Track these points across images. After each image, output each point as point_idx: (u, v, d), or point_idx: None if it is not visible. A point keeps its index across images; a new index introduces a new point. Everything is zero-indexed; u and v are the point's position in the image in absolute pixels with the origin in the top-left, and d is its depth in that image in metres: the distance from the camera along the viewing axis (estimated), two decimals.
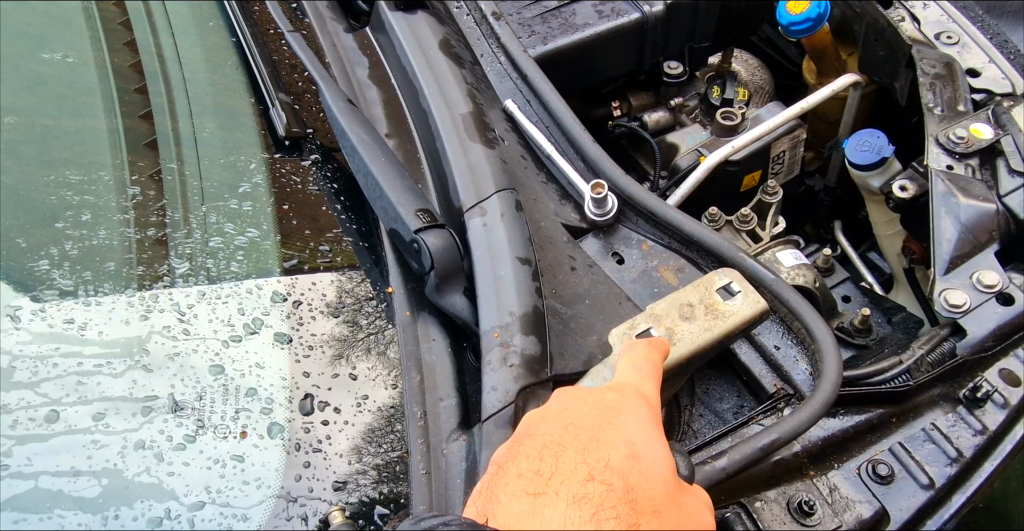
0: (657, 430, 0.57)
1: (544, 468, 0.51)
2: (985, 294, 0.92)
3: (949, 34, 1.21)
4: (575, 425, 0.55)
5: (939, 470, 0.83)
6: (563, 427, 0.55)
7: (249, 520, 0.71)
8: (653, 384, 0.62)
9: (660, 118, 1.38)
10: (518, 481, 0.50)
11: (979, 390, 0.87)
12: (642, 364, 0.64)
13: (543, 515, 0.48)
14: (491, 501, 0.50)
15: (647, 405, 0.59)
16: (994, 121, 1.07)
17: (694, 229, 0.93)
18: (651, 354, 0.65)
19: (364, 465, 0.78)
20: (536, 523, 0.48)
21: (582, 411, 0.57)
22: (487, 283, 0.85)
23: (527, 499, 0.49)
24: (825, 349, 0.81)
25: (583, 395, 0.60)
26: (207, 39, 1.15)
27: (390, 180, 0.89)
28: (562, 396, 0.60)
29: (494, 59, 1.15)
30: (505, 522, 0.48)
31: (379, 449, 0.79)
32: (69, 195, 0.89)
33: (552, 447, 0.53)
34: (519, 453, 0.53)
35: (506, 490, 0.50)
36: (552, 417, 0.57)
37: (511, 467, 0.52)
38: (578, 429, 0.54)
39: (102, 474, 0.71)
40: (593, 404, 0.58)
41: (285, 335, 0.84)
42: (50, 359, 0.76)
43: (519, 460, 0.52)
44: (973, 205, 0.98)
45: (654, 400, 0.60)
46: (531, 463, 0.51)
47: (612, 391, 0.60)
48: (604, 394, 0.60)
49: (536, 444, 0.53)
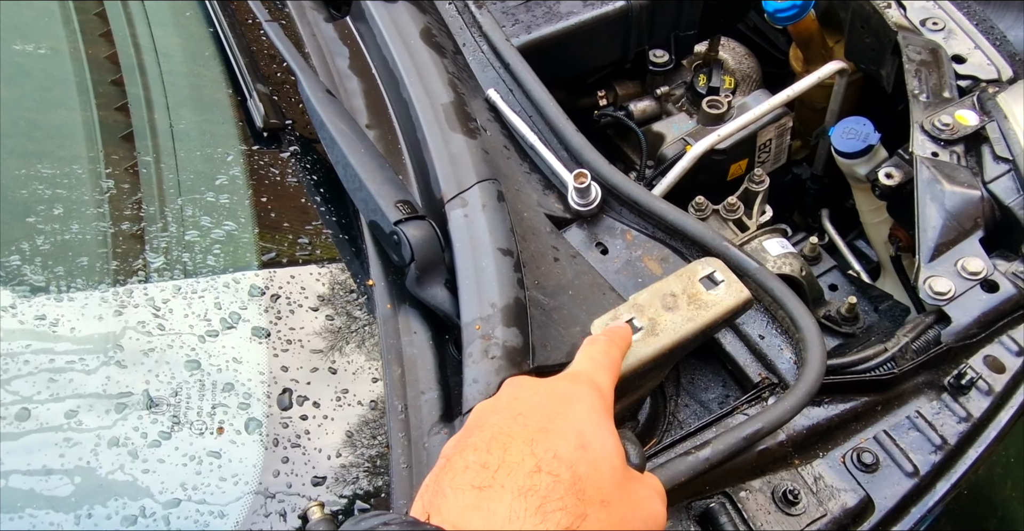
0: (607, 420, 0.56)
1: (491, 460, 0.50)
2: (970, 281, 0.92)
3: (935, 20, 1.20)
4: (524, 415, 0.54)
5: (924, 457, 0.83)
6: (512, 417, 0.54)
7: (226, 517, 0.70)
8: (608, 375, 0.61)
9: (646, 107, 1.37)
10: (464, 474, 0.49)
11: (964, 377, 0.86)
12: (599, 357, 0.63)
13: (488, 508, 0.47)
14: (437, 496, 0.49)
15: (599, 395, 0.57)
16: (979, 107, 1.06)
17: (678, 218, 0.92)
18: (609, 349, 0.64)
19: (344, 460, 0.77)
20: (481, 517, 0.47)
21: (532, 401, 0.56)
22: (468, 275, 0.84)
23: (472, 493, 0.48)
24: (809, 338, 0.81)
25: (534, 385, 0.58)
26: (184, 29, 1.13)
27: (370, 171, 0.87)
28: (512, 386, 0.59)
29: (476, 48, 1.14)
30: (450, 517, 0.47)
31: (359, 443, 0.78)
32: (41, 189, 0.87)
33: (500, 439, 0.52)
34: (467, 445, 0.52)
35: (452, 484, 0.49)
36: (502, 408, 0.56)
37: (458, 460, 0.51)
38: (527, 419, 0.53)
39: (75, 472, 0.69)
40: (544, 394, 0.57)
41: (263, 329, 0.83)
42: (21, 356, 0.74)
43: (466, 452, 0.51)
44: (958, 192, 0.97)
45: (607, 391, 0.59)
46: (478, 455, 0.50)
47: (564, 380, 0.59)
48: (555, 383, 0.59)
49: (484, 436, 0.52)
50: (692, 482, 0.75)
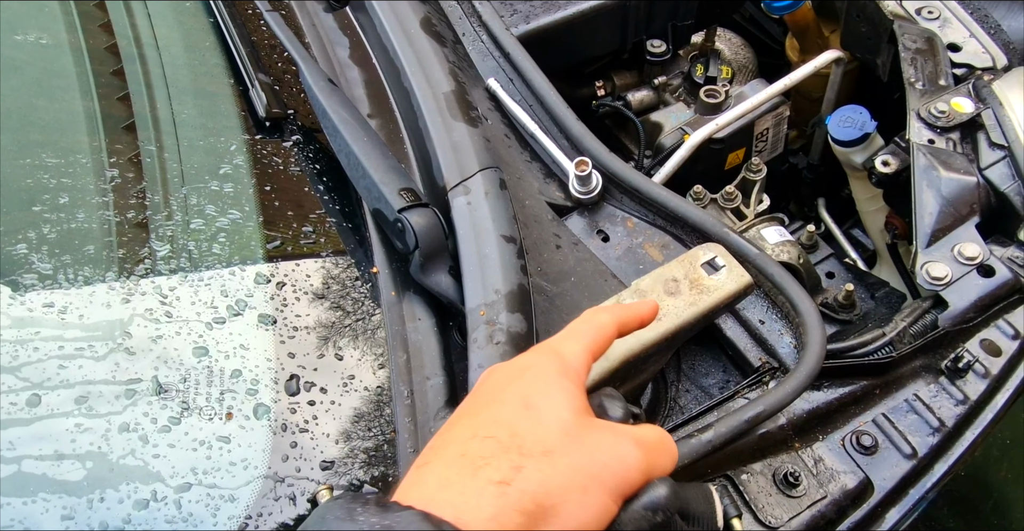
0: (560, 379, 0.54)
1: (437, 441, 0.51)
2: (966, 266, 0.93)
3: (930, 9, 1.21)
4: (478, 393, 0.54)
5: (922, 440, 0.84)
6: (470, 398, 0.54)
7: (236, 501, 0.71)
8: (577, 342, 0.59)
9: (644, 97, 1.37)
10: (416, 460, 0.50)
11: (960, 361, 0.88)
12: (576, 325, 0.61)
13: (423, 480, 0.47)
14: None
15: (555, 359, 0.56)
16: (975, 95, 1.07)
17: (679, 205, 0.93)
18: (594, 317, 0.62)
19: (351, 444, 0.77)
20: (415, 490, 0.47)
21: (492, 380, 0.56)
22: (472, 262, 0.84)
23: (414, 473, 0.49)
24: (809, 322, 0.82)
25: (500, 366, 0.58)
26: (184, 20, 1.13)
27: (373, 160, 0.88)
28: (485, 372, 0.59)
29: (476, 38, 1.14)
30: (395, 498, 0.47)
31: (366, 428, 0.79)
32: (46, 178, 0.88)
33: (451, 420, 0.52)
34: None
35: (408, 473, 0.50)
36: (470, 395, 0.56)
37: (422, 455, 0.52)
38: (478, 397, 0.54)
39: (86, 457, 0.70)
40: (504, 370, 0.57)
41: (269, 316, 0.83)
42: (30, 343, 0.75)
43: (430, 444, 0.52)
44: (954, 178, 0.98)
45: (571, 355, 0.57)
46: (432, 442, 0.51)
47: (527, 353, 0.59)
48: (519, 359, 0.58)
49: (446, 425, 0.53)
50: (694, 465, 0.76)
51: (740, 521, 0.77)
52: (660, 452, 0.53)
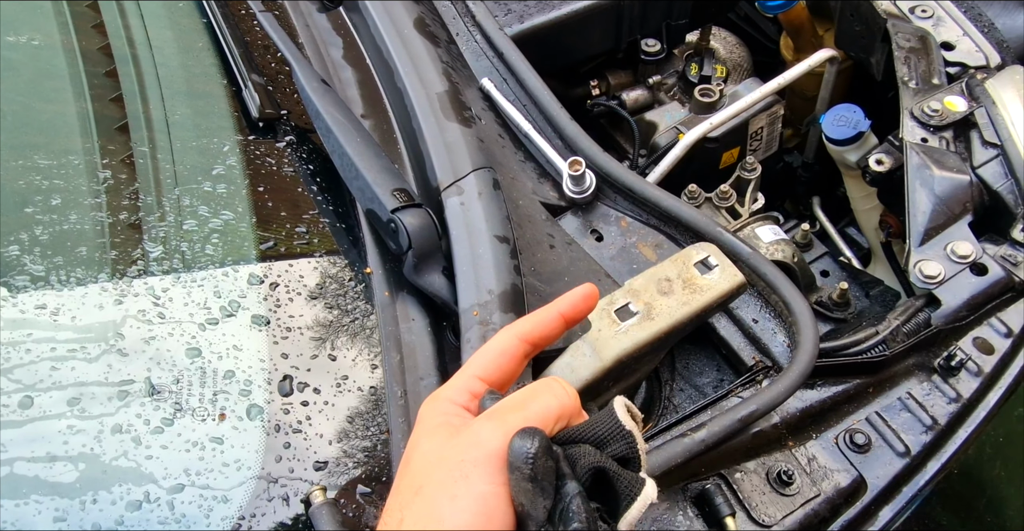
0: (427, 419, 0.55)
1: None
2: (959, 265, 0.93)
3: (923, 8, 1.21)
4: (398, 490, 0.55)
5: (915, 438, 0.84)
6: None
7: (230, 501, 0.71)
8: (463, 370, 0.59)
9: (639, 96, 1.37)
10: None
11: (953, 359, 0.88)
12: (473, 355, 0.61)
13: None
14: None
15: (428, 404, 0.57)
16: (968, 94, 1.07)
17: (672, 205, 0.93)
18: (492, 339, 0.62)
19: (345, 445, 0.77)
20: None
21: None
22: (465, 262, 0.84)
23: None
24: (802, 321, 0.82)
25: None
26: (177, 20, 1.13)
27: (366, 160, 0.88)
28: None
29: (470, 38, 1.14)
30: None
31: (360, 429, 0.79)
32: (38, 180, 0.87)
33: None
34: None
35: None
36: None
37: None
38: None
39: (79, 459, 0.70)
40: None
41: (262, 317, 0.83)
42: (23, 345, 0.75)
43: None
44: (947, 177, 0.98)
45: (447, 388, 0.58)
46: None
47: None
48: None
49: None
50: (688, 464, 0.76)
51: (734, 520, 0.77)
52: (523, 404, 0.52)
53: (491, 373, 0.58)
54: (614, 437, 0.51)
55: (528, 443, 0.48)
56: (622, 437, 0.51)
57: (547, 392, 0.53)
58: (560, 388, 0.54)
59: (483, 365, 0.58)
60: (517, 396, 0.54)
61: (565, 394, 0.54)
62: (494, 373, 0.58)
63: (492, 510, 0.48)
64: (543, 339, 0.61)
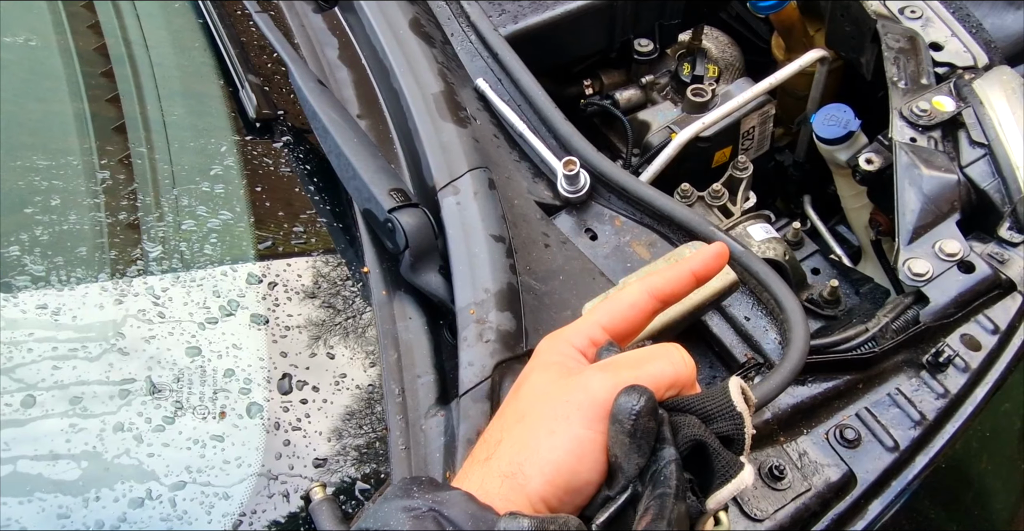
0: (546, 354, 0.59)
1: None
2: (947, 262, 0.94)
3: (913, 9, 1.22)
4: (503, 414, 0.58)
5: (903, 433, 0.86)
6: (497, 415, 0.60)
7: (231, 498, 0.72)
8: (586, 317, 0.62)
9: (631, 96, 1.38)
10: None
11: (941, 355, 0.89)
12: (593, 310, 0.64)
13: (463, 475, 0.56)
14: None
15: (548, 341, 0.61)
16: (956, 94, 1.09)
17: (665, 204, 0.94)
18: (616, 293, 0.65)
19: (344, 442, 0.78)
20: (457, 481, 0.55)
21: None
22: (462, 261, 0.85)
23: None
24: (793, 318, 0.83)
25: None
26: (173, 21, 1.13)
27: (363, 160, 0.89)
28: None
29: (464, 38, 1.15)
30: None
31: (358, 426, 0.80)
32: (37, 180, 0.88)
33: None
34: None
35: None
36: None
37: None
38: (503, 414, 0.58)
39: (81, 457, 0.71)
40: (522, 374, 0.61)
41: (261, 316, 0.84)
42: (24, 344, 0.75)
43: None
44: (936, 176, 1.00)
45: (570, 330, 0.61)
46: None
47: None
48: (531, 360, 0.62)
49: None
50: None
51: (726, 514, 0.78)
52: (639, 362, 0.54)
53: (616, 324, 0.60)
54: (722, 415, 0.52)
55: (635, 400, 0.49)
56: (731, 417, 0.52)
57: (665, 357, 0.55)
58: (679, 356, 0.55)
59: (609, 315, 0.60)
60: (634, 354, 0.55)
61: (683, 363, 0.55)
62: (619, 324, 0.60)
63: (585, 453, 0.50)
64: (673, 296, 0.62)
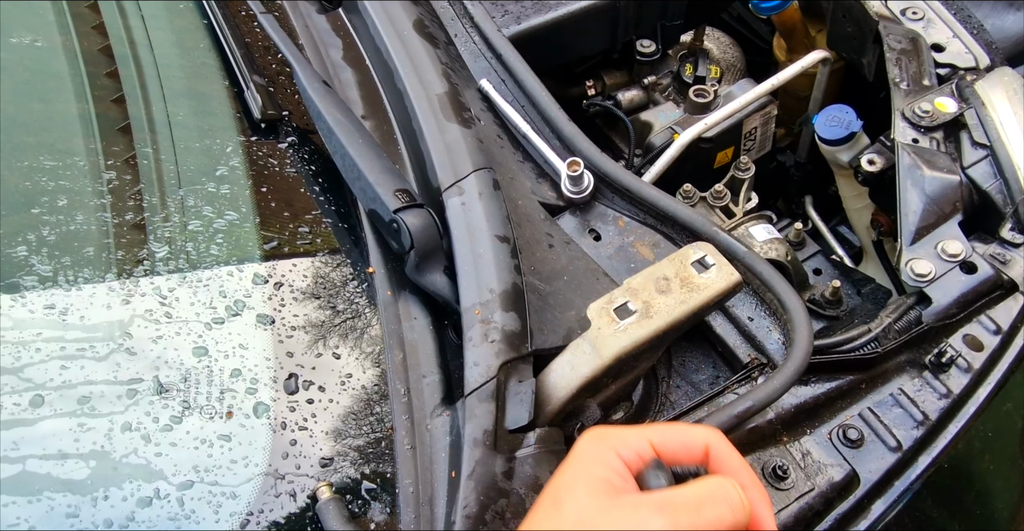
0: (589, 464, 0.56)
1: None
2: (949, 263, 0.95)
3: (914, 10, 1.23)
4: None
5: (906, 433, 0.86)
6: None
7: (238, 497, 0.72)
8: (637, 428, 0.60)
9: (634, 96, 1.39)
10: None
11: (944, 355, 0.90)
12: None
13: None
14: None
15: (590, 443, 0.58)
16: (958, 95, 1.09)
17: (669, 205, 0.95)
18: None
19: (350, 442, 0.79)
20: None
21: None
22: (466, 261, 0.86)
23: None
24: (796, 319, 0.84)
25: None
26: (177, 21, 1.14)
27: (368, 161, 0.89)
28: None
29: (468, 39, 1.16)
30: None
31: (364, 426, 0.80)
32: (44, 181, 0.88)
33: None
34: None
35: None
36: None
37: None
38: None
39: (89, 456, 0.71)
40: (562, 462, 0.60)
41: (267, 316, 0.84)
42: (32, 344, 0.76)
43: None
44: (938, 177, 1.00)
45: (614, 435, 0.59)
46: None
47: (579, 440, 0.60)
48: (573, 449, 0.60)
49: None
50: None
51: None
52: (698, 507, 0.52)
53: (666, 446, 0.58)
54: None
55: None
56: None
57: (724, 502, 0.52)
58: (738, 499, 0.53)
59: (663, 437, 0.58)
60: (693, 494, 0.52)
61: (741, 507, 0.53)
62: (668, 448, 0.58)
63: None
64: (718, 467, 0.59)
